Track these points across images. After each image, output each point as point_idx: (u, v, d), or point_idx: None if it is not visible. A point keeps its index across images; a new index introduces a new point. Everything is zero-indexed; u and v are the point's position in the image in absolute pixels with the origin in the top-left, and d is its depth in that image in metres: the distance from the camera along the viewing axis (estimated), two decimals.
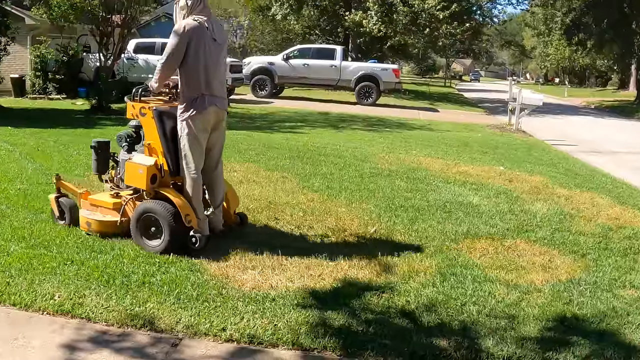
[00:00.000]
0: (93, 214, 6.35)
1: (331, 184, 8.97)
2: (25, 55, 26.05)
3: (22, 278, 5.26)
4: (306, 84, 28.05)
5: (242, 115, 19.70)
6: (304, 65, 26.98)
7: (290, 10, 36.23)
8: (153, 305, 4.81)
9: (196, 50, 5.84)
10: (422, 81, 66.22)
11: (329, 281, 5.32)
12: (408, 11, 31.89)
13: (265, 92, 27.28)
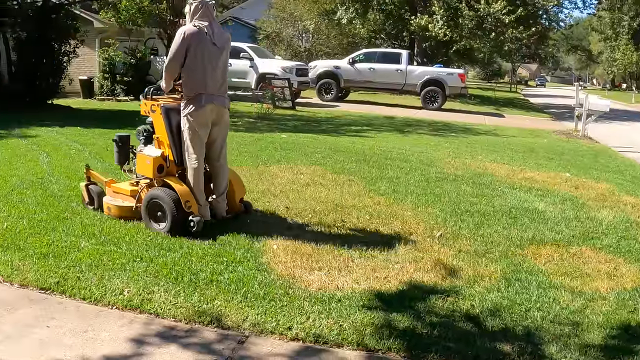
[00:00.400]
0: (114, 200, 7.03)
1: (397, 188, 8.97)
2: (93, 57, 26.63)
3: (92, 273, 5.43)
4: (372, 88, 28.00)
5: (307, 119, 19.79)
6: (370, 69, 26.93)
7: (355, 14, 36.24)
8: (220, 302, 4.90)
9: (195, 53, 6.41)
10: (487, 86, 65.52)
11: (394, 283, 5.35)
12: (473, 15, 31.64)
13: (331, 96, 27.32)
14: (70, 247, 6.02)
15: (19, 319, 4.73)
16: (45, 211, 7.16)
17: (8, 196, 7.80)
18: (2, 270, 5.59)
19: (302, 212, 7.41)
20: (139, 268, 5.51)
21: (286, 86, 23.19)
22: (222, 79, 6.73)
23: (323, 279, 5.38)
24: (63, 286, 5.25)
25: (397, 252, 6.13)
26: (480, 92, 46.79)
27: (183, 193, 6.39)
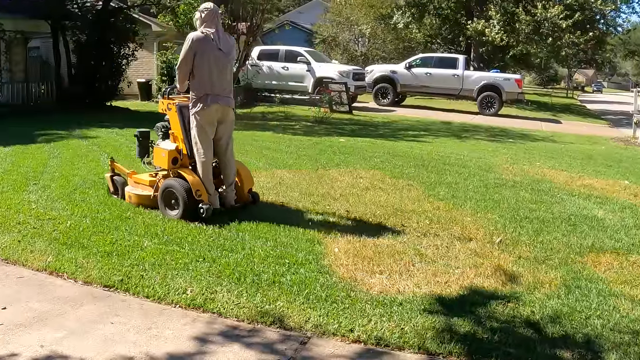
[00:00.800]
0: (135, 189, 7.70)
1: (456, 193, 8.97)
2: (151, 60, 27.03)
3: (156, 272, 5.57)
4: (428, 93, 27.84)
5: (365, 123, 19.82)
6: (426, 74, 26.79)
7: (412, 18, 36.13)
8: (283, 304, 4.98)
9: (202, 58, 7.01)
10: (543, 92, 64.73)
11: (455, 288, 5.37)
12: (530, 20, 31.28)
13: (388, 101, 27.26)
14: (134, 246, 6.19)
15: (83, 315, 4.88)
16: (108, 210, 7.36)
17: (71, 195, 8.04)
18: (67, 268, 5.78)
19: (362, 215, 7.47)
20: (202, 268, 5.63)
21: (343, 90, 23.25)
22: (227, 81, 7.30)
23: (384, 282, 5.43)
24: (127, 284, 5.41)
25: (458, 257, 6.15)
26: (537, 97, 46.26)
27: (194, 183, 7.00)
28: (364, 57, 39.99)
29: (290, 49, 27.05)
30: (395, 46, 40.44)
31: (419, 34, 38.96)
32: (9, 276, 5.73)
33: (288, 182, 9.25)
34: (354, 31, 40.89)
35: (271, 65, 26.15)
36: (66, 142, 12.65)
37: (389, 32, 39.06)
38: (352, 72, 25.44)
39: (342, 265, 5.79)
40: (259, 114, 21.00)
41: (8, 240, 6.45)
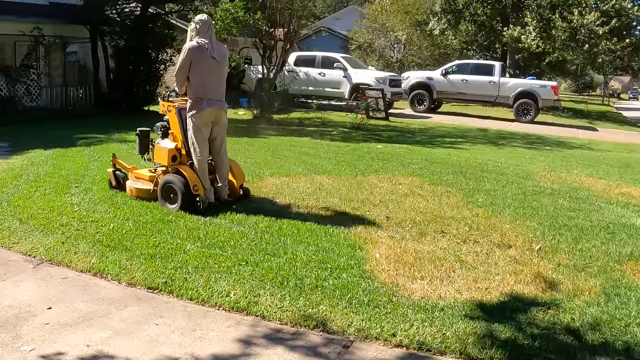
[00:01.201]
0: (135, 184, 8.29)
1: (495, 201, 8.96)
2: None
3: (199, 275, 5.68)
4: (464, 100, 27.69)
5: (401, 129, 19.83)
6: (463, 80, 26.65)
7: (447, 25, 36.02)
8: (325, 308, 5.06)
9: (197, 65, 7.65)
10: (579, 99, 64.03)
11: (495, 294, 5.41)
12: (567, 26, 31.00)
13: (424, 107, 27.17)
14: (176, 249, 6.31)
15: (127, 316, 5.02)
16: (150, 213, 7.51)
17: (112, 198, 8.21)
18: (111, 269, 5.92)
19: (402, 222, 7.51)
20: (245, 272, 5.72)
21: (380, 97, 23.26)
22: (220, 86, 7.93)
23: (425, 287, 5.49)
24: (170, 286, 5.53)
25: (498, 264, 6.18)
26: (573, 105, 45.82)
27: (192, 179, 7.63)
28: (399, 64, 39.92)
29: (327, 55, 27.09)
30: (431, 53, 40.28)
31: (454, 41, 38.83)
32: (53, 277, 5.89)
33: (328, 187, 9.32)
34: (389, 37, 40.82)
35: (308, 71, 26.21)
36: (105, 146, 12.84)
37: (425, 38, 38.93)
38: (388, 79, 25.39)
39: (384, 270, 5.85)
40: (296, 120, 21.10)
41: (52, 242, 6.62)
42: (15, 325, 4.80)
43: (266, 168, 10.72)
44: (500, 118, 26.21)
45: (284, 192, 8.89)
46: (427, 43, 39.48)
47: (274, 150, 13.08)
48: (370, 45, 40.93)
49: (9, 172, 9.94)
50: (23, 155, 11.61)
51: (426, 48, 39.86)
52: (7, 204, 8.00)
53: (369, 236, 6.88)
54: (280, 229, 7.03)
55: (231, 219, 7.36)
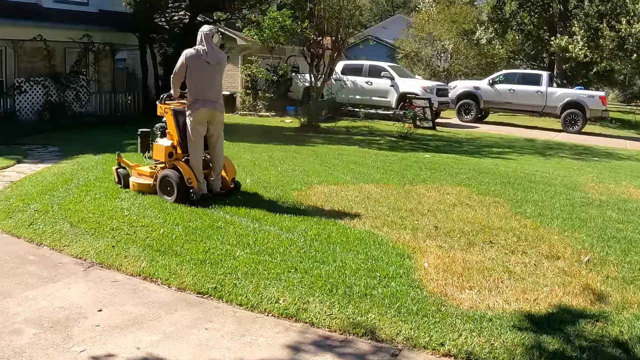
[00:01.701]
0: (137, 179, 9.04)
1: (543, 211, 8.89)
2: (236, 73, 27.35)
3: (248, 281, 5.75)
4: (511, 110, 27.39)
5: (448, 139, 19.73)
6: (510, 90, 26.35)
7: (494, 34, 35.72)
8: (374, 316, 5.09)
9: (192, 70, 8.40)
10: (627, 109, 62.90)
11: (543, 306, 5.39)
12: (615, 36, 30.52)
13: (471, 117, 26.94)
14: (226, 255, 6.39)
15: (177, 320, 5.10)
16: (199, 219, 7.60)
17: (162, 203, 8.32)
18: (161, 273, 6.04)
19: (450, 232, 7.52)
20: (294, 278, 5.78)
21: (427, 106, 23.18)
22: (215, 88, 8.64)
23: (474, 298, 5.50)
24: (220, 291, 5.61)
25: (546, 275, 6.16)
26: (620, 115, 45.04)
27: (186, 172, 8.34)
28: (446, 73, 39.69)
29: (374, 63, 27.08)
30: (478, 62, 39.93)
31: (501, 50, 38.51)
32: (104, 280, 6.02)
33: (376, 196, 9.35)
34: (436, 46, 40.58)
35: (355, 79, 26.22)
36: None
37: (472, 47, 38.63)
38: (435, 88, 25.27)
39: (432, 280, 5.87)
40: (343, 128, 21.15)
41: (102, 245, 6.77)
42: (66, 327, 4.92)
43: (314, 176, 10.79)
44: (547, 128, 25.87)
45: (332, 200, 8.94)
46: (474, 52, 39.16)
47: (322, 159, 13.14)
48: (417, 54, 40.75)
49: (60, 177, 10.13)
50: (73, 160, 11.83)
51: (473, 57, 39.53)
52: (58, 208, 8.18)
53: (417, 245, 6.91)
54: (329, 236, 7.09)
55: (280, 226, 7.43)
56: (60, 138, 15.39)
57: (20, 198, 8.75)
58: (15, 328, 4.88)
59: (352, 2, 21.30)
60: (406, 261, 6.37)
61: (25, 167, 11.44)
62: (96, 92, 21.27)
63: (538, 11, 35.94)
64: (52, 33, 18.81)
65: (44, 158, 12.64)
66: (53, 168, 11.13)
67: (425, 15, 40.57)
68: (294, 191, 9.46)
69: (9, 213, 8.11)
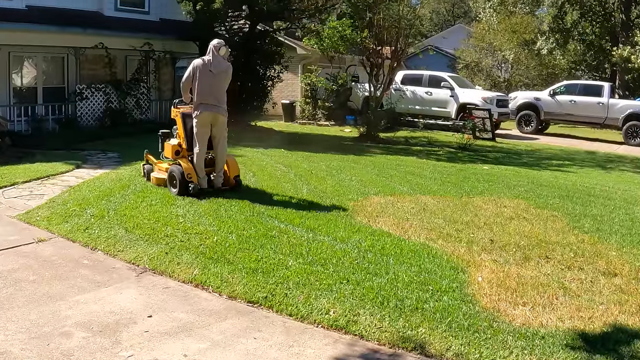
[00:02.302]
0: (157, 174, 10.01)
1: (601, 226, 8.67)
2: (296, 82, 27.57)
3: (300, 291, 5.76)
4: (572, 121, 26.90)
5: (508, 151, 19.49)
6: (571, 101, 25.85)
7: (555, 44, 35.21)
8: (425, 330, 5.05)
9: (198, 77, 9.36)
10: None
11: (598, 325, 5.27)
12: None
13: (531, 128, 26.53)
14: (278, 264, 6.41)
15: (226, 329, 5.14)
16: (253, 228, 7.62)
17: (217, 212, 8.37)
18: (212, 281, 6.09)
19: (506, 245, 7.40)
20: (346, 290, 5.77)
21: (487, 117, 22.95)
22: (217, 94, 9.45)
23: (527, 314, 5.41)
24: (270, 301, 5.64)
25: (602, 293, 6.02)
26: None
27: (187, 168, 9.24)
28: (507, 83, 39.24)
29: (434, 74, 26.94)
30: (539, 72, 39.33)
31: (562, 60, 37.91)
32: (156, 286, 6.11)
33: (432, 208, 9.28)
34: (497, 57, 40.17)
35: (415, 90, 26.13)
36: None
37: (533, 58, 38.09)
38: (495, 99, 25.00)
39: (485, 294, 5.80)
40: (402, 139, 21.08)
41: (156, 252, 6.87)
42: (115, 331, 5.00)
43: (371, 186, 10.76)
44: (608, 140, 25.28)
45: (388, 211, 8.90)
46: (535, 63, 38.60)
47: (380, 169, 13.11)
48: (478, 65, 40.40)
49: (117, 182, 10.27)
50: (131, 166, 11.97)
51: (534, 68, 38.97)
52: (114, 213, 8.31)
53: (472, 259, 6.83)
54: (383, 248, 7.05)
55: (334, 236, 7.42)
56: (119, 144, 15.68)
57: (77, 203, 8.91)
58: (65, 331, 4.98)
59: (411, 11, 21.23)
60: (460, 275, 6.31)
61: (84, 172, 11.67)
62: (156, 100, 21.52)
63: (600, 21, 35.31)
64: (114, 41, 19.13)
65: (103, 164, 12.91)
66: (111, 174, 11.32)
67: (485, 25, 40.20)
68: (350, 201, 9.45)
69: (66, 217, 8.27)
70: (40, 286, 5.98)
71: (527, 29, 37.23)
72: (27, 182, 10.59)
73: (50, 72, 19.17)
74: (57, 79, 19.02)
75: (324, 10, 22.39)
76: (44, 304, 5.53)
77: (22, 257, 6.81)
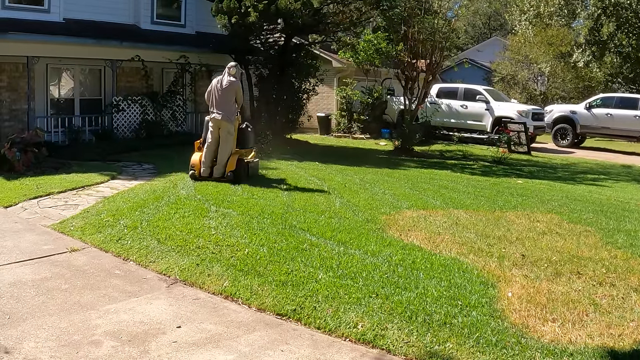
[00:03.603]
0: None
1: (635, 242, 8.51)
2: (331, 95, 27.60)
3: (329, 304, 5.77)
4: (608, 135, 26.63)
5: (543, 164, 19.35)
6: (607, 114, 25.59)
7: (592, 57, 34.91)
8: (452, 345, 5.04)
9: (211, 91, 11.81)
10: None
11: (628, 342, 5.21)
12: None
13: (567, 142, 26.36)
14: (308, 277, 6.42)
15: (254, 341, 5.17)
16: (285, 241, 7.64)
17: (249, 224, 8.38)
18: (242, 293, 6.13)
19: (538, 261, 7.33)
20: (374, 304, 5.77)
21: (522, 130, 22.85)
22: (220, 104, 11.62)
23: (556, 330, 5.37)
24: (299, 314, 5.67)
25: (633, 309, 5.93)
26: None
27: (192, 160, 11.85)
28: (543, 96, 38.94)
29: (469, 87, 26.90)
30: (575, 85, 38.97)
31: (599, 73, 37.52)
32: (185, 297, 6.16)
33: (464, 222, 9.23)
34: (532, 69, 39.85)
35: (450, 103, 26.11)
36: None
37: (569, 70, 37.77)
38: (531, 112, 24.88)
39: (515, 310, 5.76)
40: (436, 152, 21.05)
41: (187, 263, 6.95)
42: (144, 341, 5.06)
43: (404, 200, 10.74)
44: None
45: (420, 226, 8.88)
46: (571, 75, 38.28)
47: (413, 183, 13.09)
48: (513, 77, 40.14)
49: (151, 194, 10.33)
50: (166, 178, 12.12)
51: (570, 80, 38.62)
52: (147, 224, 8.39)
53: (502, 274, 6.79)
54: (413, 262, 7.04)
55: (365, 250, 7.41)
56: (155, 156, 15.84)
57: (111, 213, 9.03)
58: (94, 339, 5.05)
59: (446, 24, 21.21)
60: (490, 290, 6.27)
61: (119, 184, 11.82)
62: (192, 112, 21.66)
63: (636, 32, 34.88)
64: (150, 54, 19.34)
65: (138, 175, 13.06)
66: (145, 185, 11.40)
67: (521, 37, 39.93)
68: (383, 215, 9.44)
69: (99, 227, 8.40)
70: (72, 295, 6.08)
71: (563, 42, 36.92)
72: (62, 192, 10.76)
73: (87, 84, 19.52)
74: (94, 91, 19.39)
75: (359, 23, 22.42)
76: (75, 313, 5.62)
77: (55, 266, 6.92)
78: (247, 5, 18.70)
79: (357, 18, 22.02)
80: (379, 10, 21.41)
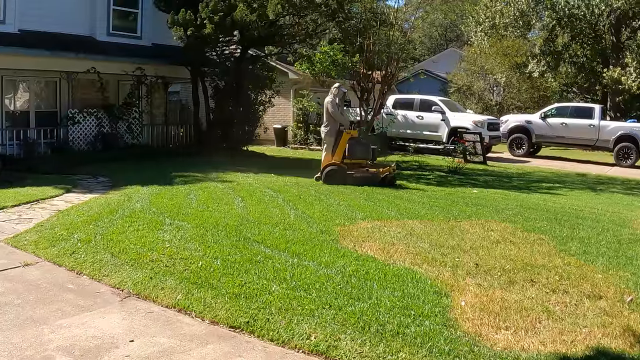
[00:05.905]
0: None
1: (588, 249, 8.61)
2: (288, 107, 27.76)
3: (282, 316, 5.75)
4: (563, 144, 27.07)
5: (498, 174, 19.55)
6: (562, 124, 26.06)
7: (547, 67, 35.48)
8: (405, 355, 5.03)
9: None
10: None
11: (580, 348, 5.24)
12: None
13: (522, 151, 26.74)
14: (262, 289, 6.38)
15: (207, 354, 5.13)
16: (239, 253, 7.59)
17: (203, 236, 8.33)
18: (195, 306, 6.09)
19: (491, 269, 7.35)
20: (327, 315, 5.75)
21: (478, 140, 23.08)
22: None
23: (509, 338, 5.38)
24: (252, 326, 5.63)
25: (586, 316, 5.98)
26: None
27: None
28: (498, 107, 39.43)
29: (425, 98, 27.15)
30: (530, 95, 39.53)
31: (554, 83, 38.17)
32: (138, 310, 6.10)
33: (419, 232, 9.22)
34: (488, 80, 40.38)
35: (406, 114, 26.31)
36: (203, 185, 13.08)
37: (524, 81, 38.35)
38: (487, 122, 25.19)
39: (468, 319, 5.77)
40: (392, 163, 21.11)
41: (141, 277, 6.88)
42: (97, 356, 4.99)
43: (359, 211, 10.71)
44: (600, 162, 25.40)
45: (374, 236, 8.85)
46: (527, 85, 38.86)
47: (368, 194, 13.07)
48: (469, 88, 40.62)
49: (106, 207, 10.23)
50: (121, 191, 12.00)
51: (525, 91, 39.19)
52: (101, 238, 8.30)
53: (456, 283, 6.79)
54: (367, 273, 7.01)
55: (319, 261, 7.38)
56: (110, 169, 15.71)
57: (65, 227, 8.91)
58: (47, 355, 4.98)
59: (402, 36, 21.37)
60: (443, 299, 6.27)
61: (73, 197, 11.69)
62: (148, 124, 21.63)
63: (590, 43, 35.61)
64: (106, 65, 19.33)
65: (93, 188, 12.93)
66: (100, 198, 11.30)
67: (477, 48, 40.50)
68: (337, 226, 9.40)
69: (53, 241, 8.29)
70: (25, 310, 5.99)
71: (519, 52, 37.52)
72: (16, 205, 10.63)
73: (43, 96, 19.35)
74: (50, 103, 19.23)
75: (315, 35, 22.56)
76: (28, 328, 5.53)
77: (9, 281, 6.81)
78: (202, 17, 18.73)
79: (313, 30, 22.18)
80: (334, 22, 21.59)
